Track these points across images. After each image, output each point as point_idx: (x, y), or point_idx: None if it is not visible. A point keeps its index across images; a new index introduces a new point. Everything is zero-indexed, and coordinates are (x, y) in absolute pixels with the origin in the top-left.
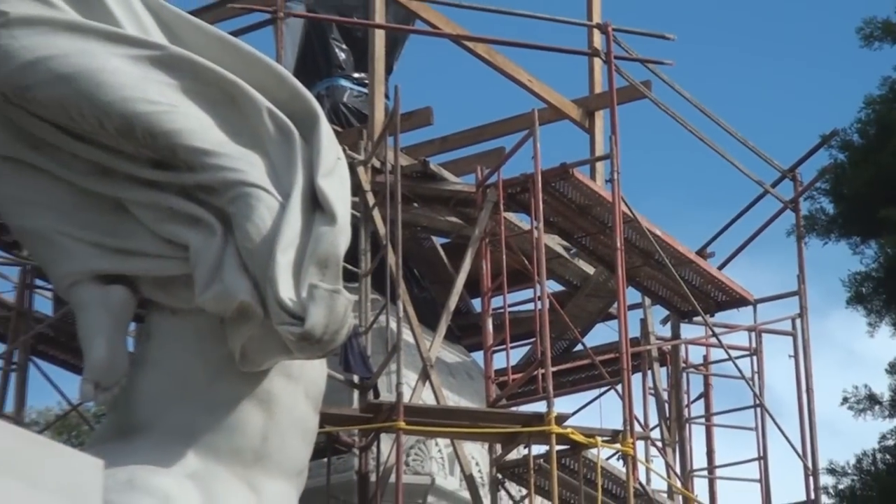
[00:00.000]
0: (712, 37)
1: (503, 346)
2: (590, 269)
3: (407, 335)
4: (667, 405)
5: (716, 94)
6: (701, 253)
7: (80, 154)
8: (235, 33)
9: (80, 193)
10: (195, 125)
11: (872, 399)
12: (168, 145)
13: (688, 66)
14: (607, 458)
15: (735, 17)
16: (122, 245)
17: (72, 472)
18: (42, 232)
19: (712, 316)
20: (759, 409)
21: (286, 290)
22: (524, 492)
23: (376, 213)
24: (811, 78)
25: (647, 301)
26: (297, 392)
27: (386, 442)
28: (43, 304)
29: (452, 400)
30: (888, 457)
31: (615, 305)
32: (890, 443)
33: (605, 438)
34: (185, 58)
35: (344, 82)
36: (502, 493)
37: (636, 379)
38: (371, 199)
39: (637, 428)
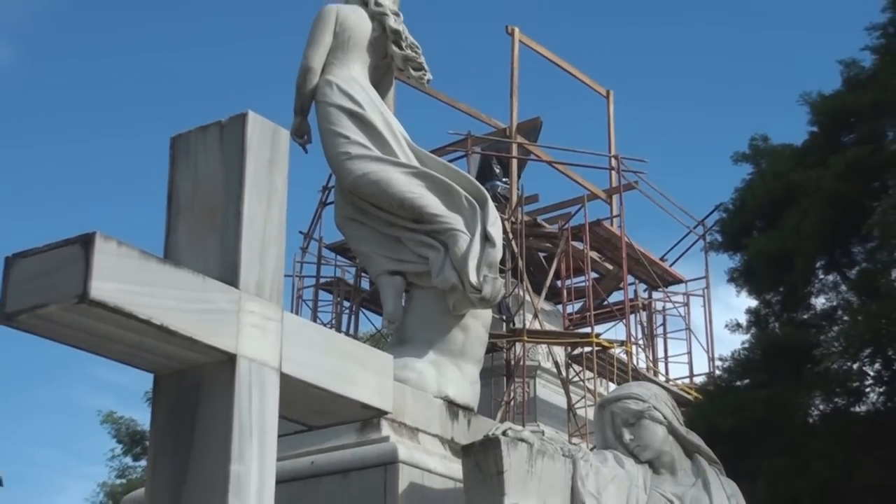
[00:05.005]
0: (674, 153)
1: (570, 302)
2: (611, 267)
3: (527, 298)
4: (645, 328)
5: (669, 183)
6: (662, 259)
7: (380, 216)
8: (448, 160)
9: (380, 234)
10: (432, 202)
11: (738, 325)
12: (420, 213)
13: (657, 171)
14: (618, 353)
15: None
16: (399, 257)
17: (378, 361)
18: (365, 252)
19: (666, 287)
20: (687, 331)
21: (473, 278)
22: (580, 369)
23: (513, 243)
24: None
25: (636, 281)
26: (478, 323)
27: (517, 346)
28: (365, 283)
29: (548, 327)
30: (744, 351)
31: (622, 283)
32: (746, 345)
33: (618, 344)
34: (427, 172)
35: (498, 182)
36: (571, 371)
37: (633, 317)
38: (511, 236)
39: (632, 339)
